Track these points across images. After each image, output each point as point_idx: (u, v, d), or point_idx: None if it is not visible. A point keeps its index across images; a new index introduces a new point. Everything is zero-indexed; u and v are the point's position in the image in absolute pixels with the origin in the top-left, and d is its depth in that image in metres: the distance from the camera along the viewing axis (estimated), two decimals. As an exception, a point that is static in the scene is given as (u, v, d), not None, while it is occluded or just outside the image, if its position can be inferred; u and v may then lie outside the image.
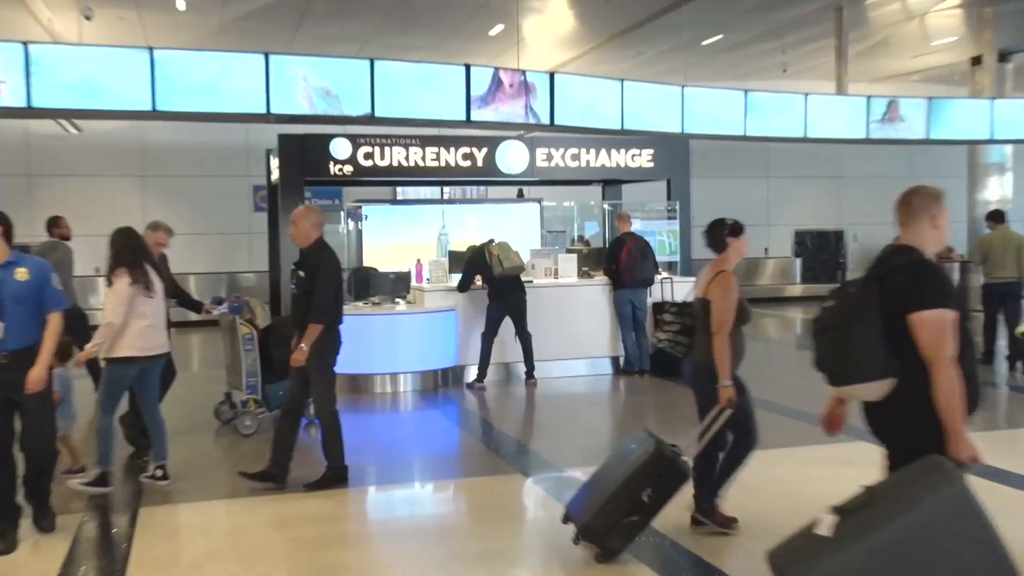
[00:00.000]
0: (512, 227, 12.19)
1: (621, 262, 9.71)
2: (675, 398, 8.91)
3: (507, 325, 9.33)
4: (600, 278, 10.17)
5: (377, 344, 9.02)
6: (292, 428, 5.69)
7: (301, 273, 5.61)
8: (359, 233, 12.01)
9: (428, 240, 11.90)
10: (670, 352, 4.82)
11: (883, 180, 20.61)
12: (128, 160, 16.35)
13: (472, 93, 9.86)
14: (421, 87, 9.69)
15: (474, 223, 12.40)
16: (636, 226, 10.54)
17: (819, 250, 20.24)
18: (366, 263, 11.38)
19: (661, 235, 11.43)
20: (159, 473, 5.83)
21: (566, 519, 4.39)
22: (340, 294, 5.66)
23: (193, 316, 7.86)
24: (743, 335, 4.60)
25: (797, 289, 19.68)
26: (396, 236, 12.09)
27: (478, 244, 9.45)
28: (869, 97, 13.36)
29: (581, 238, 13.61)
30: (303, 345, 5.48)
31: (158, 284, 5.64)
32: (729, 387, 4.40)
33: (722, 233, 4.63)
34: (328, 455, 5.74)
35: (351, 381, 9.04)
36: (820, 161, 19.99)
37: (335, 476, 5.72)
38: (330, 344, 5.56)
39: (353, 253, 11.83)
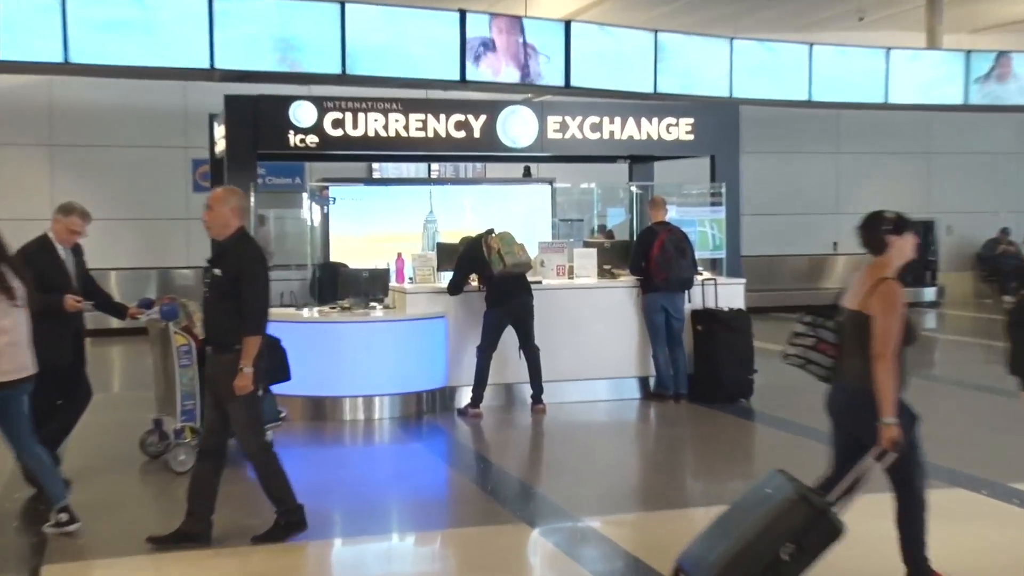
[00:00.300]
0: (517, 214, 12.19)
1: (652, 259, 9.72)
2: (719, 430, 8.97)
3: (509, 336, 9.29)
4: (626, 279, 10.19)
5: (347, 359, 9.07)
6: (214, 472, 5.66)
7: (217, 272, 5.61)
8: (325, 220, 12.01)
9: (411, 229, 11.91)
10: (802, 370, 4.79)
11: (985, 158, 20.62)
12: (33, 125, 16.35)
13: (468, 46, 9.95)
14: (404, 38, 9.85)
15: (469, 209, 12.44)
16: (671, 214, 10.51)
17: (903, 245, 20.22)
18: (333, 258, 11.33)
19: (703, 225, 11.43)
20: (63, 518, 5.76)
21: (677, 575, 4.42)
22: (267, 297, 5.67)
23: (115, 323, 7.91)
24: (907, 358, 4.63)
25: (874, 294, 19.64)
26: (372, 224, 12.14)
27: (474, 235, 9.48)
28: (969, 52, 13.28)
29: (603, 228, 13.58)
30: (243, 367, 5.45)
31: (20, 290, 5.59)
32: (895, 426, 4.40)
33: (881, 230, 4.65)
34: (273, 498, 5.71)
35: (314, 406, 9.13)
36: (905, 133, 19.98)
37: (289, 522, 5.69)
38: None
39: (318, 245, 11.81)
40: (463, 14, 10.06)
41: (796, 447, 7.81)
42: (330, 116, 10.49)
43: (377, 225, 12.16)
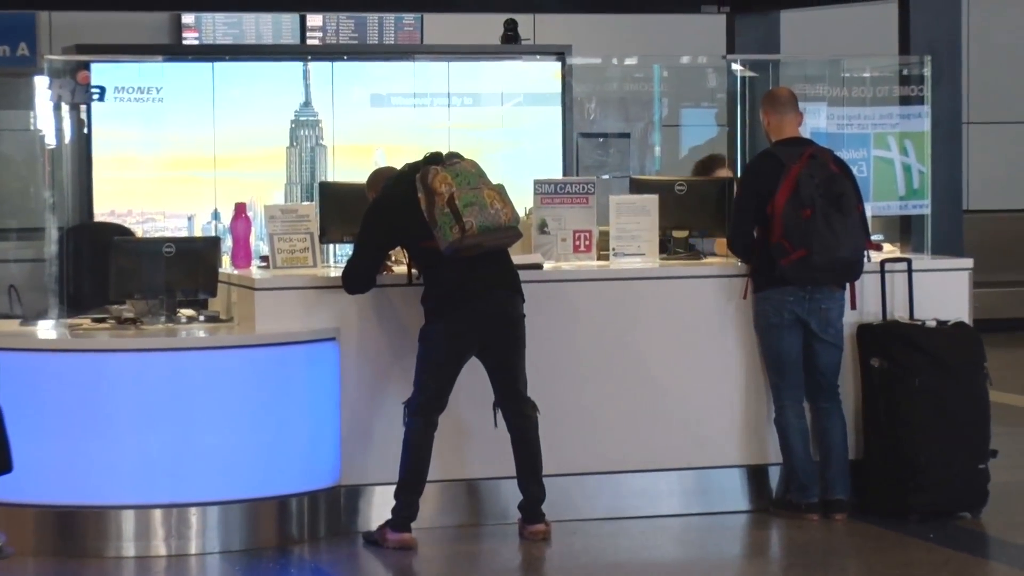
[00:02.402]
0: (489, 123, 10.20)
1: (775, 219, 7.34)
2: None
3: (474, 382, 6.90)
4: (722, 261, 7.98)
5: (128, 432, 6.72)
6: None
7: None
8: (83, 136, 9.43)
9: (264, 151, 9.61)
10: None
11: None
12: None
13: None
14: None
15: (389, 112, 10.11)
16: (814, 123, 8.22)
17: None
18: (101, 214, 8.98)
19: (883, 147, 8.72)
20: None
21: None
22: None
23: None
24: None
25: None
26: (179, 144, 9.62)
27: (400, 167, 6.99)
28: None
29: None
30: None
31: None
32: None
33: None
34: None
35: (60, 525, 6.69)
36: None
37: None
38: None
39: (68, 189, 9.11)
40: None
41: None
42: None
43: (191, 145, 9.39)
